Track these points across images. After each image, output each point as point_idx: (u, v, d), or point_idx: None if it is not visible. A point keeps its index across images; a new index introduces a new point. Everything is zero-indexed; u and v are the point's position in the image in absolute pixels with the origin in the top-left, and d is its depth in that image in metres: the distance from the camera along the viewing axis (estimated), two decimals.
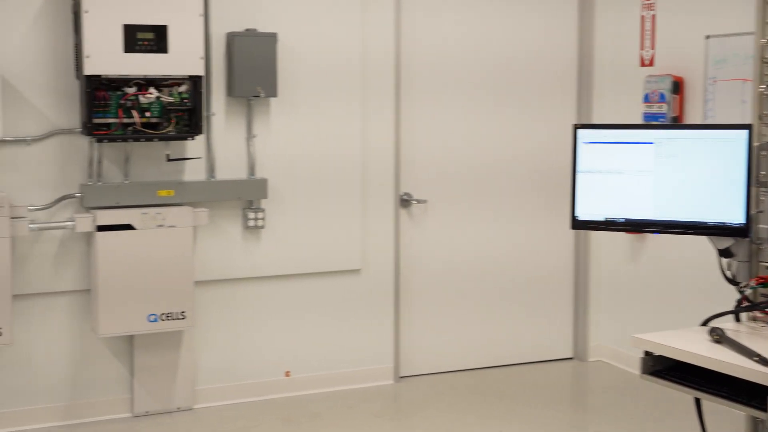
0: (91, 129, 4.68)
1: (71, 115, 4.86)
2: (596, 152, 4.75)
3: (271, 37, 5.12)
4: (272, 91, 5.14)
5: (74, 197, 4.89)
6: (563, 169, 5.76)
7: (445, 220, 5.86)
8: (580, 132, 4.75)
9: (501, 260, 6.04)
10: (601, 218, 4.69)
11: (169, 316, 4.92)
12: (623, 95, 5.90)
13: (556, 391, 5.74)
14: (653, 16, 5.68)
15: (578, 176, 4.73)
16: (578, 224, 4.77)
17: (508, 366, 6.08)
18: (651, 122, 5.47)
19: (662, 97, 5.46)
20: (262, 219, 5.28)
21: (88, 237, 4.93)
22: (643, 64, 5.73)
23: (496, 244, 6.01)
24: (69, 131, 4.87)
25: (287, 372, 5.51)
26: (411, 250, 5.80)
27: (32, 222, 4.74)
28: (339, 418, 5.17)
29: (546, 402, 5.45)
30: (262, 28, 5.16)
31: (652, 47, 5.67)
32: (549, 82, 6.05)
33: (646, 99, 5.57)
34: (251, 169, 5.24)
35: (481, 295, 6.00)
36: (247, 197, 5.22)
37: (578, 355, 6.27)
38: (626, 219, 4.66)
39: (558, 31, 6.07)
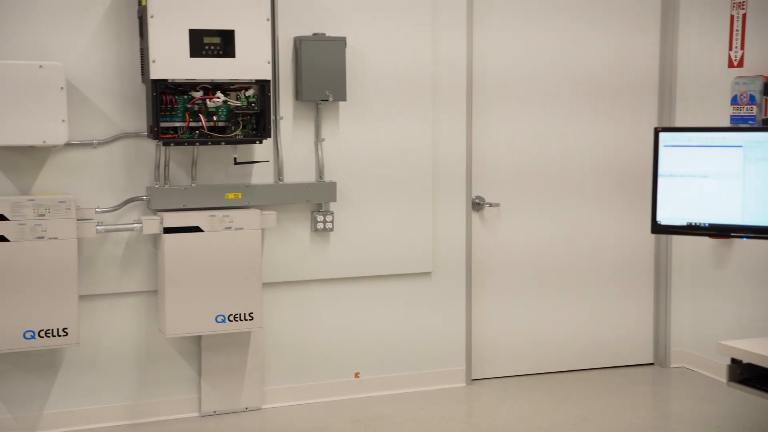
0: (158, 133, 4.68)
1: (137, 119, 4.88)
2: (679, 156, 4.62)
3: (340, 42, 5.06)
4: (341, 95, 5.08)
5: (141, 200, 4.90)
6: (642, 170, 5.70)
7: (518, 222, 5.77)
8: (662, 135, 4.60)
9: (576, 263, 5.92)
10: (683, 223, 4.59)
11: (236, 317, 4.91)
12: (708, 98, 5.67)
13: (636, 398, 5.54)
14: (744, 15, 5.39)
15: (659, 180, 4.59)
16: (659, 228, 4.66)
17: (586, 370, 5.96)
18: (739, 125, 5.20)
19: (752, 99, 5.18)
20: (331, 222, 5.25)
21: (154, 239, 4.95)
22: (731, 65, 5.45)
23: (571, 247, 5.90)
24: (135, 135, 4.88)
25: (357, 373, 5.48)
26: (483, 252, 5.71)
27: (99, 224, 4.78)
28: (409, 420, 5.09)
29: (625, 409, 5.28)
30: (331, 32, 5.12)
31: (742, 47, 5.38)
32: (628, 85, 5.89)
33: (734, 101, 5.30)
34: (320, 172, 5.20)
35: (556, 299, 5.90)
36: (315, 200, 5.19)
37: (659, 360, 6.08)
38: (711, 224, 4.53)
39: (639, 32, 5.88)
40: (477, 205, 5.61)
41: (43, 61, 4.56)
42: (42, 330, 4.56)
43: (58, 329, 4.59)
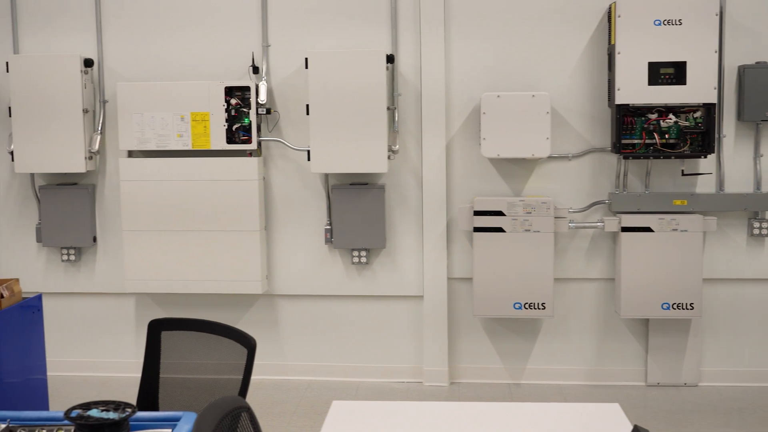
0: (620, 148, 5.08)
1: (603, 136, 5.30)
2: None
3: None
4: None
5: (603, 203, 5.31)
6: None
7: None
8: None
9: None
10: None
11: (680, 306, 5.14)
12: None
13: None
14: None
15: None
16: None
17: None
18: None
19: None
20: (767, 228, 5.25)
21: (613, 236, 5.33)
22: None
23: None
24: (600, 150, 5.30)
25: None
26: None
27: (571, 221, 5.26)
28: None
29: None
30: None
31: None
32: None
33: None
34: (757, 183, 5.25)
35: None
36: (752, 209, 5.25)
37: None
38: None
39: None
40: None
41: (534, 91, 5.16)
42: (526, 303, 5.16)
43: (538, 303, 5.15)
